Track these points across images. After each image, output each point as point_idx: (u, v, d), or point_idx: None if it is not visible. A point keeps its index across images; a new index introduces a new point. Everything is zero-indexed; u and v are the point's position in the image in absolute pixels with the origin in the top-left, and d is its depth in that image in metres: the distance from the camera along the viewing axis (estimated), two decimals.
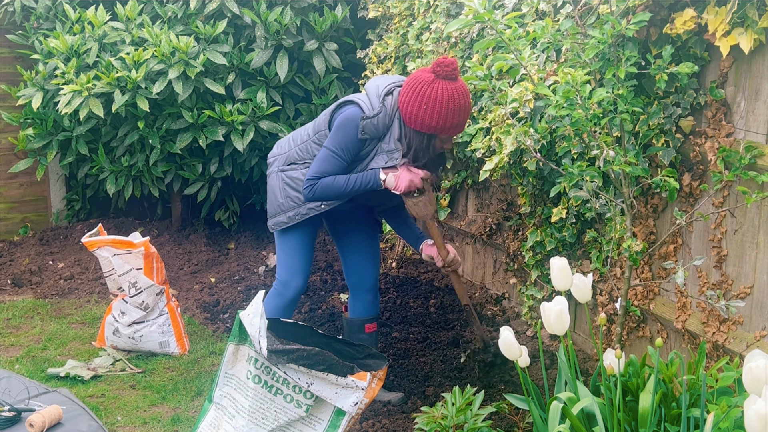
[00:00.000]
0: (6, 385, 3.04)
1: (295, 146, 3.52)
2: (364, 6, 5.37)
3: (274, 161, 3.58)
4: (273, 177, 3.56)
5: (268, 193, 3.60)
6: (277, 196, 3.52)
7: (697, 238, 3.30)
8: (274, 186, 3.55)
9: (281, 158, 3.55)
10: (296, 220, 3.48)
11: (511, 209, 4.35)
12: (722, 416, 2.34)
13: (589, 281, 2.68)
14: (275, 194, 3.53)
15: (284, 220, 3.51)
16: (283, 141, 3.63)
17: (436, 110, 3.15)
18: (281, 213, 3.51)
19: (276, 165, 3.57)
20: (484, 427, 2.86)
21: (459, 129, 3.23)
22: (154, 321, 4.20)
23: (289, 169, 3.49)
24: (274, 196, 3.53)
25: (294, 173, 3.48)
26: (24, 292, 5.12)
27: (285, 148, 3.56)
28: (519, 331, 4.27)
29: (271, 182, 3.58)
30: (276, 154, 3.60)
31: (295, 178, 3.47)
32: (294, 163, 3.49)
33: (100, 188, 5.90)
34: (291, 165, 3.49)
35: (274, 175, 3.56)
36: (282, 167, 3.53)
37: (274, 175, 3.56)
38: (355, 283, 3.74)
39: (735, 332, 3.14)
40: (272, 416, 2.92)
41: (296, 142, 3.52)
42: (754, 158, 2.94)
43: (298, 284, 3.58)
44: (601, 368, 2.60)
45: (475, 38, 4.19)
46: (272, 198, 3.55)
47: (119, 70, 5.01)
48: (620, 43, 3.12)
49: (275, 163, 3.58)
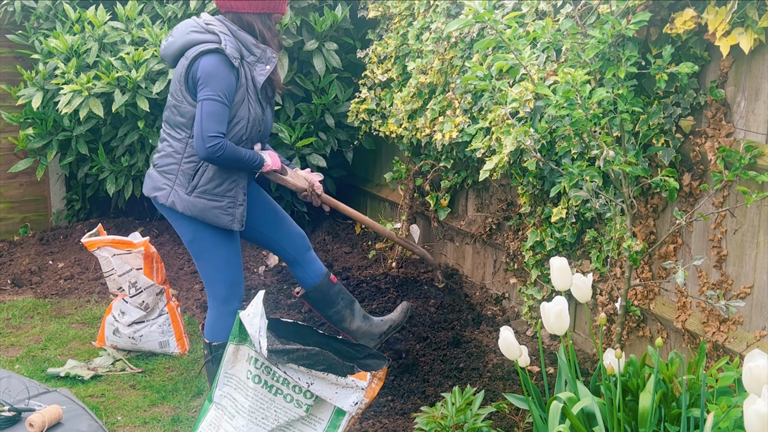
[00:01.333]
0: (6, 385, 3.04)
1: (179, 162, 3.34)
2: (364, 6, 5.37)
3: (175, 196, 3.36)
4: (193, 202, 3.33)
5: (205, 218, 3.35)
6: (217, 204, 3.35)
7: (697, 238, 3.30)
8: (204, 205, 3.33)
9: (177, 186, 3.35)
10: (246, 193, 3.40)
11: (511, 209, 4.35)
12: (722, 416, 2.34)
13: (589, 281, 2.68)
14: (213, 206, 3.34)
15: (242, 206, 3.39)
16: (156, 183, 3.40)
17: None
18: (235, 207, 3.38)
19: (180, 195, 3.35)
20: (484, 427, 2.86)
21: (283, 5, 3.40)
22: (154, 321, 4.20)
23: (197, 179, 3.33)
24: (215, 208, 3.34)
25: (206, 175, 3.33)
26: (24, 292, 5.12)
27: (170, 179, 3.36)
28: (519, 331, 4.27)
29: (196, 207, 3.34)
30: (168, 192, 3.37)
31: (212, 176, 3.33)
32: (196, 171, 3.33)
33: (100, 188, 5.90)
34: (195, 175, 3.33)
35: (191, 201, 3.33)
36: (189, 188, 3.34)
37: (191, 200, 3.33)
38: (297, 247, 3.67)
39: (735, 332, 3.14)
40: (272, 416, 2.92)
41: (176, 160, 3.35)
42: (754, 158, 2.94)
43: (239, 293, 3.51)
44: (601, 368, 2.60)
45: (475, 38, 4.19)
46: (215, 212, 3.35)
47: (119, 70, 5.01)
48: (620, 43, 3.12)
49: (177, 197, 3.35)
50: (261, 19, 3.34)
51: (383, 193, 5.65)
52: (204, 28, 3.30)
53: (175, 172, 3.36)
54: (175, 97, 3.35)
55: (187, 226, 3.42)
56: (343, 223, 5.99)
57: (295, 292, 3.77)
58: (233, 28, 3.31)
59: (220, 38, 3.25)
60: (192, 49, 3.27)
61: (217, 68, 3.21)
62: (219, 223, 3.37)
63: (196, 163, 3.34)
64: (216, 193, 3.35)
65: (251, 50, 3.32)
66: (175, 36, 3.37)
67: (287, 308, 4.63)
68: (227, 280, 3.46)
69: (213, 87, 3.21)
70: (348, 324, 3.74)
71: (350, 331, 3.74)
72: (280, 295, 4.81)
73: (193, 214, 3.36)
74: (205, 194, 3.34)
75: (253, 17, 3.33)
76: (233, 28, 3.31)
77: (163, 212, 3.48)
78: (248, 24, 3.33)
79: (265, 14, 3.35)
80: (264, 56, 3.34)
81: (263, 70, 3.33)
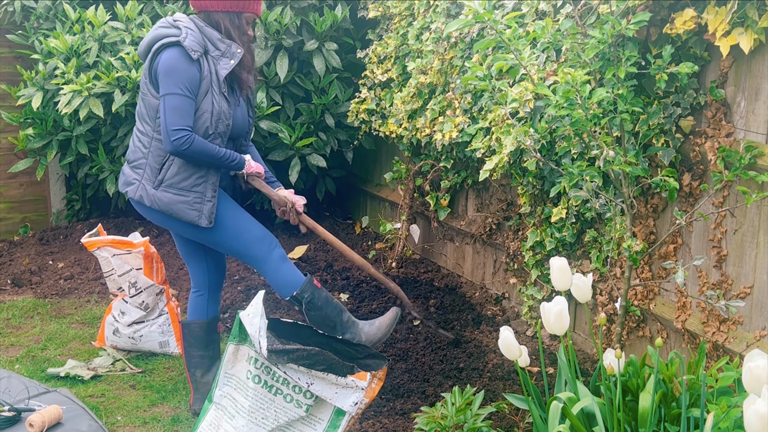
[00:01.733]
0: (6, 385, 3.04)
1: (145, 157, 3.38)
2: (364, 6, 5.37)
3: (142, 190, 3.39)
4: (159, 196, 3.36)
5: (172, 212, 3.38)
6: (183, 199, 3.35)
7: (697, 238, 3.30)
8: (169, 199, 3.35)
9: (145, 180, 3.38)
10: (216, 189, 3.39)
11: (511, 209, 4.35)
12: (722, 416, 2.34)
13: (589, 281, 2.68)
14: (180, 200, 3.35)
15: (211, 203, 3.37)
16: (127, 178, 3.45)
17: None
18: (202, 203, 3.37)
19: (147, 189, 3.37)
20: (484, 427, 2.86)
21: (255, 4, 3.44)
22: (154, 321, 4.20)
23: (164, 173, 3.35)
24: (182, 203, 3.35)
25: (172, 170, 3.34)
26: (24, 292, 5.12)
27: (138, 173, 3.39)
28: (519, 331, 4.27)
29: (162, 201, 3.36)
30: (136, 185, 3.40)
31: (178, 170, 3.34)
32: (162, 165, 3.35)
33: (100, 188, 5.90)
34: (161, 169, 3.35)
35: (157, 195, 3.36)
36: (155, 183, 3.36)
37: (158, 194, 3.36)
38: (218, 279, 3.72)
39: (735, 332, 3.14)
40: (272, 416, 2.92)
41: (144, 154, 3.38)
42: (754, 158, 2.94)
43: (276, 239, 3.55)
44: (601, 368, 2.60)
45: (475, 38, 4.19)
46: (181, 206, 3.36)
47: (119, 70, 5.01)
48: (620, 43, 3.12)
49: (144, 191, 3.38)
50: (229, 18, 3.39)
51: (383, 193, 5.65)
52: (171, 24, 3.37)
53: (143, 167, 3.40)
54: (142, 90, 3.41)
55: (164, 221, 3.47)
56: (343, 223, 5.99)
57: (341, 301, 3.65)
58: (200, 24, 3.38)
59: (183, 32, 3.31)
60: (157, 44, 3.33)
61: (177, 62, 3.26)
62: (185, 217, 3.38)
63: (162, 157, 3.36)
64: (182, 187, 3.36)
65: (216, 45, 3.37)
66: (147, 34, 3.48)
67: (287, 308, 4.64)
68: (252, 240, 3.46)
69: (174, 80, 3.25)
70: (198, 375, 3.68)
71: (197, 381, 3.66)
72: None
73: (160, 208, 3.38)
74: (171, 188, 3.36)
75: (221, 15, 3.39)
76: (200, 24, 3.38)
77: (137, 207, 3.51)
78: (216, 22, 3.39)
79: (234, 13, 3.40)
80: (229, 51, 3.38)
81: (227, 64, 3.37)
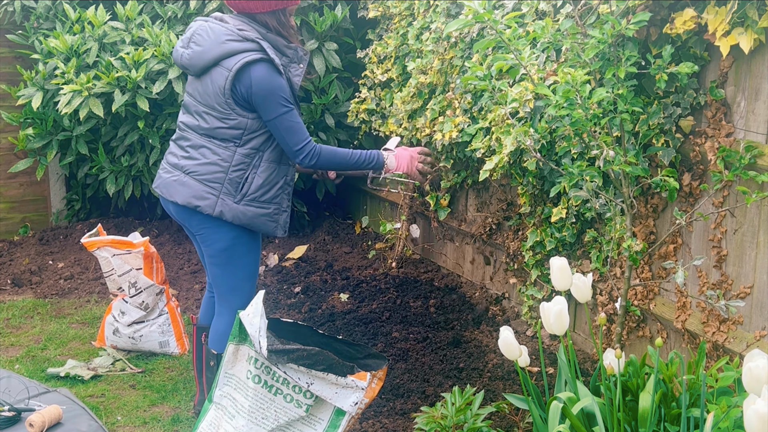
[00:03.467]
0: (6, 385, 3.04)
1: (225, 171, 3.24)
2: (364, 6, 5.37)
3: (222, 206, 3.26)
4: (242, 210, 3.26)
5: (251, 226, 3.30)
6: (265, 212, 3.30)
7: (697, 238, 3.30)
8: (253, 213, 3.27)
9: (224, 195, 3.26)
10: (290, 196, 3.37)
11: (511, 209, 4.35)
12: (722, 416, 2.34)
13: (589, 281, 2.68)
14: (262, 214, 3.29)
15: (286, 213, 3.33)
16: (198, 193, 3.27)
17: None
18: (279, 213, 3.34)
19: (228, 203, 3.26)
20: (484, 427, 2.86)
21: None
22: (154, 321, 4.20)
23: (246, 187, 3.26)
24: (264, 216, 3.29)
25: (256, 182, 3.26)
26: (24, 292, 5.12)
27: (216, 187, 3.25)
28: (519, 331, 4.27)
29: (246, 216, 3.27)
30: (213, 201, 3.26)
31: (262, 183, 3.26)
32: (245, 180, 3.25)
33: (100, 188, 5.90)
34: (244, 184, 3.25)
35: (240, 210, 3.26)
36: (238, 197, 3.25)
37: (241, 209, 3.26)
38: None
39: (735, 332, 3.14)
40: (272, 416, 2.92)
41: (223, 168, 3.24)
42: (754, 158, 2.94)
43: None
44: (601, 368, 2.60)
45: (475, 38, 4.19)
46: (263, 219, 3.30)
47: (119, 70, 5.01)
48: (620, 43, 3.12)
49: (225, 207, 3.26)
50: (275, 17, 3.22)
51: (383, 193, 5.65)
52: (238, 35, 3.17)
53: (221, 181, 3.25)
54: (219, 109, 3.20)
55: (227, 233, 3.32)
56: (343, 223, 5.99)
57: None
58: (262, 31, 3.20)
59: (261, 45, 3.15)
60: (232, 59, 3.14)
61: (271, 80, 3.13)
62: (264, 230, 3.31)
63: (244, 171, 3.24)
64: (263, 200, 3.29)
65: (284, 52, 3.23)
66: (203, 45, 3.21)
67: (287, 308, 4.64)
68: (249, 291, 3.40)
69: (277, 100, 3.13)
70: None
71: None
72: (280, 295, 4.81)
73: (242, 223, 3.27)
74: (254, 202, 3.27)
75: (266, 16, 3.21)
76: (262, 31, 3.20)
77: (200, 221, 3.33)
78: (263, 22, 3.21)
79: (279, 10, 3.22)
80: (296, 56, 3.25)
81: (298, 70, 3.25)
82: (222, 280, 3.41)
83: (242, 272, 3.39)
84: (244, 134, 3.22)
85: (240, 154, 3.24)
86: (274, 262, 5.33)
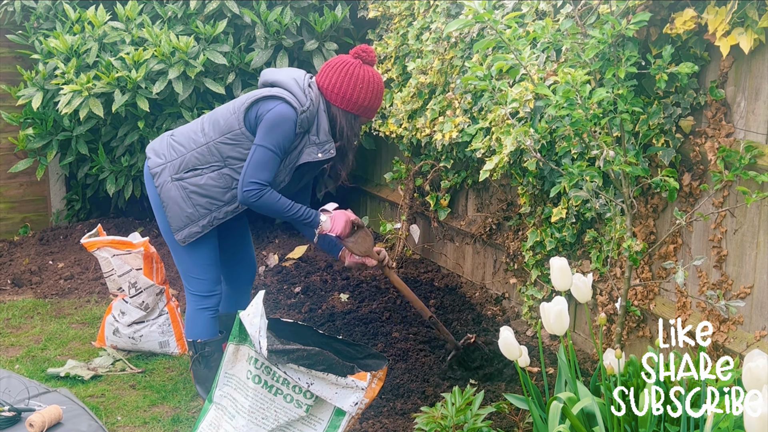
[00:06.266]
0: (6, 385, 3.04)
1: (189, 151, 3.36)
2: (364, 6, 5.37)
3: (162, 170, 3.39)
4: (169, 187, 3.37)
5: (166, 207, 3.40)
6: (183, 207, 3.36)
7: (697, 238, 3.30)
8: (175, 197, 3.36)
9: (171, 166, 3.38)
10: (212, 225, 3.40)
11: (511, 209, 4.35)
12: (722, 416, 2.33)
13: (589, 281, 2.68)
14: (180, 205, 3.37)
15: (198, 230, 3.39)
16: (160, 147, 3.45)
17: (370, 90, 3.34)
18: (192, 223, 3.38)
19: (167, 174, 3.38)
20: (484, 427, 2.86)
21: (375, 113, 3.45)
22: (154, 321, 4.20)
23: (190, 176, 3.35)
24: (179, 208, 3.37)
25: (198, 179, 3.35)
26: (24, 292, 5.12)
27: (172, 155, 3.39)
28: (519, 331, 4.27)
29: (168, 194, 3.38)
30: (160, 163, 3.40)
31: (202, 185, 3.34)
32: (195, 169, 3.35)
33: (100, 188, 5.90)
34: (191, 171, 3.35)
35: (169, 185, 3.37)
36: (178, 175, 3.36)
37: (170, 185, 3.37)
38: (251, 275, 3.81)
39: (735, 332, 3.14)
40: (272, 416, 2.92)
41: (189, 147, 3.37)
42: (754, 158, 2.94)
43: (218, 290, 3.56)
44: (601, 368, 2.60)
45: (475, 38, 4.19)
46: (177, 210, 3.38)
47: (119, 70, 5.01)
48: (620, 43, 3.12)
49: (164, 172, 3.38)
50: (347, 118, 3.36)
51: (383, 193, 5.65)
52: (302, 86, 3.30)
53: (180, 155, 3.37)
54: (232, 105, 3.38)
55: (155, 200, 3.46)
56: None
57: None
58: (322, 107, 3.33)
59: (307, 104, 3.27)
60: (277, 90, 3.28)
61: (285, 123, 3.24)
62: (170, 218, 3.39)
63: (200, 162, 3.35)
64: (193, 198, 3.36)
65: (319, 133, 3.32)
66: (280, 71, 3.42)
67: (287, 308, 4.64)
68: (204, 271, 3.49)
69: (273, 137, 3.24)
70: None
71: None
72: (280, 295, 4.81)
73: (160, 195, 3.39)
74: (184, 190, 3.36)
75: (340, 112, 3.35)
76: (322, 107, 3.33)
77: (145, 178, 3.50)
78: (334, 115, 3.35)
79: (353, 114, 3.36)
80: (324, 145, 3.33)
81: (313, 153, 3.32)
82: (179, 265, 3.57)
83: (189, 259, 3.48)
84: (227, 135, 3.33)
85: (211, 147, 3.34)
86: (274, 262, 5.32)
